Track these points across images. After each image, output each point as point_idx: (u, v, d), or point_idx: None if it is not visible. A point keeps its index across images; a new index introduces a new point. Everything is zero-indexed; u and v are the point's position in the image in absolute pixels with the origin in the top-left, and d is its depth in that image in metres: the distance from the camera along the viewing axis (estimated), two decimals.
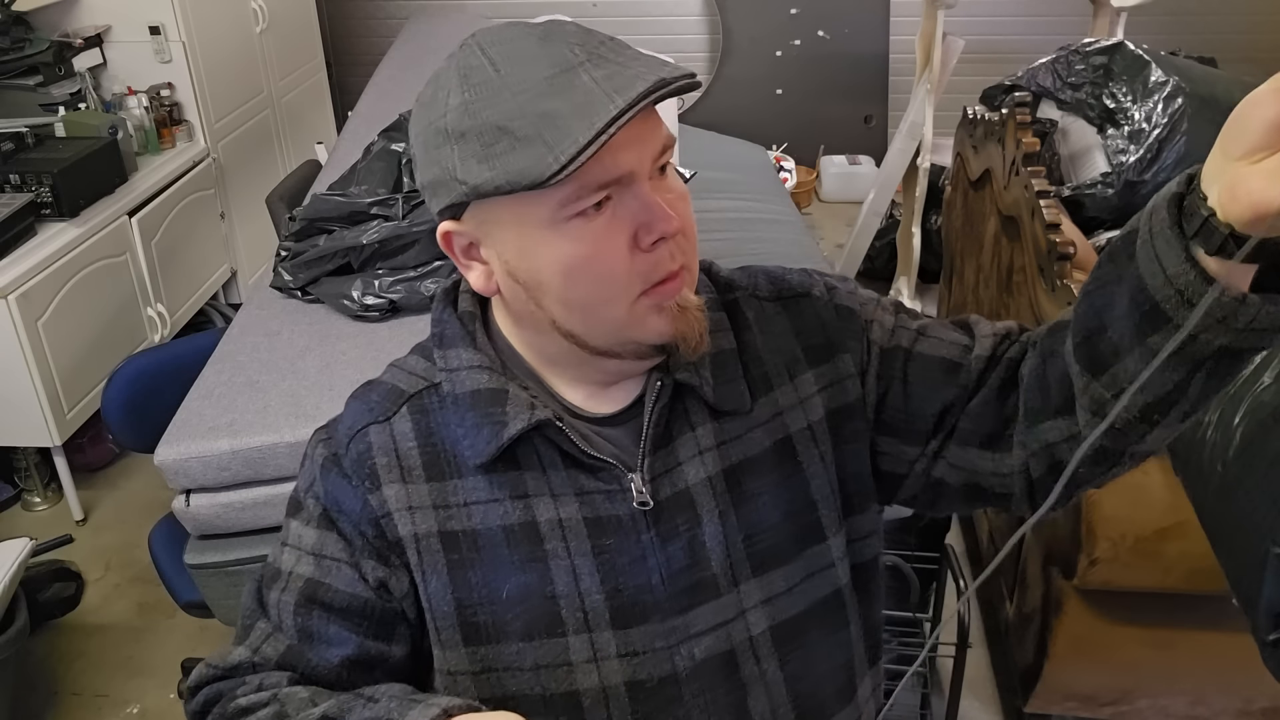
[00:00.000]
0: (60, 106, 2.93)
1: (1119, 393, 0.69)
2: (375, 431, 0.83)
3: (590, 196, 0.70)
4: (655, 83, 0.67)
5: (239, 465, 1.55)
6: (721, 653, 0.81)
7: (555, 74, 0.68)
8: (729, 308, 0.87)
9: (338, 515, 0.82)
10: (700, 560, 0.81)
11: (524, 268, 0.75)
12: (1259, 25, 4.54)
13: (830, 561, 0.85)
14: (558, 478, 0.80)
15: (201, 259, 3.32)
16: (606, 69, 0.68)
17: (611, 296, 0.74)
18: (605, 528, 0.80)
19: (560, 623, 0.79)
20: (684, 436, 0.82)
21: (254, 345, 1.79)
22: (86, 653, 2.34)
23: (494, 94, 0.69)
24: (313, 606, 0.81)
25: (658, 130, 0.72)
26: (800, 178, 4.47)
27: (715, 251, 2.62)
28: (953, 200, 2.94)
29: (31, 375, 2.48)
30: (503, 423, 0.78)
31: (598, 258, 0.72)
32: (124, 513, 2.78)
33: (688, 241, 0.76)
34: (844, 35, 4.60)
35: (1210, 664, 1.80)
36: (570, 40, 0.70)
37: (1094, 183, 2.27)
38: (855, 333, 0.87)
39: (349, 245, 1.88)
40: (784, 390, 0.85)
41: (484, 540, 0.80)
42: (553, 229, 0.71)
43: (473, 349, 0.82)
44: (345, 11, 4.82)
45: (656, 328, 0.75)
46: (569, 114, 0.66)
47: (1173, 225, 0.62)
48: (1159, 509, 1.66)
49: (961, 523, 2.60)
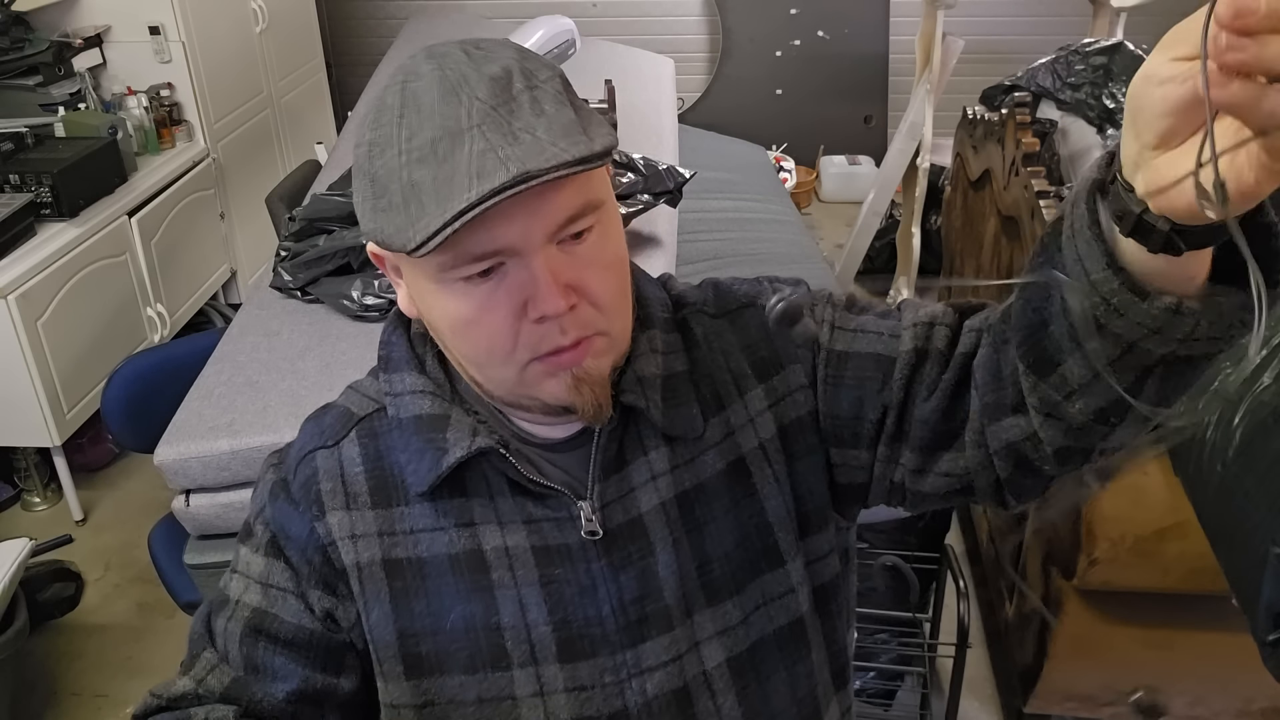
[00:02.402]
0: (60, 106, 2.93)
1: (1069, 394, 0.64)
2: (322, 456, 0.81)
3: (469, 266, 0.67)
4: (518, 175, 0.61)
5: (239, 465, 1.55)
6: (675, 689, 0.78)
7: (439, 137, 0.64)
8: (680, 325, 0.83)
9: (285, 542, 0.80)
10: (652, 591, 0.77)
11: (424, 309, 0.74)
12: None
13: (790, 587, 0.81)
14: (505, 505, 0.77)
15: (201, 259, 3.32)
16: (491, 139, 0.63)
17: (499, 360, 0.71)
18: (553, 557, 0.77)
19: (505, 655, 0.77)
20: (637, 461, 0.78)
21: (254, 345, 1.79)
22: (86, 653, 2.34)
23: (386, 145, 0.66)
24: (259, 637, 0.80)
25: (559, 201, 0.66)
26: (800, 178, 4.47)
27: (715, 251, 2.63)
28: (953, 200, 2.94)
29: (31, 375, 2.48)
30: (443, 449, 0.75)
31: (481, 322, 0.69)
32: (124, 513, 2.78)
33: (599, 313, 0.71)
34: (844, 35, 4.60)
35: (1210, 664, 1.81)
36: (476, 94, 0.65)
37: None
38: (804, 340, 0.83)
39: (349, 245, 1.88)
40: (735, 408, 0.81)
41: (429, 569, 0.77)
42: (438, 284, 0.69)
43: (417, 373, 0.80)
44: (345, 11, 4.82)
45: (552, 391, 0.72)
46: (431, 191, 0.64)
47: (1092, 224, 0.55)
48: (1159, 509, 1.66)
49: (961, 523, 2.60)
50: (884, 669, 2.03)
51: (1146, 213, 0.52)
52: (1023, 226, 2.09)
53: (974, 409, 0.74)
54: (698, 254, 2.54)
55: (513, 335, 0.69)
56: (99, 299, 2.74)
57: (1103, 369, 0.59)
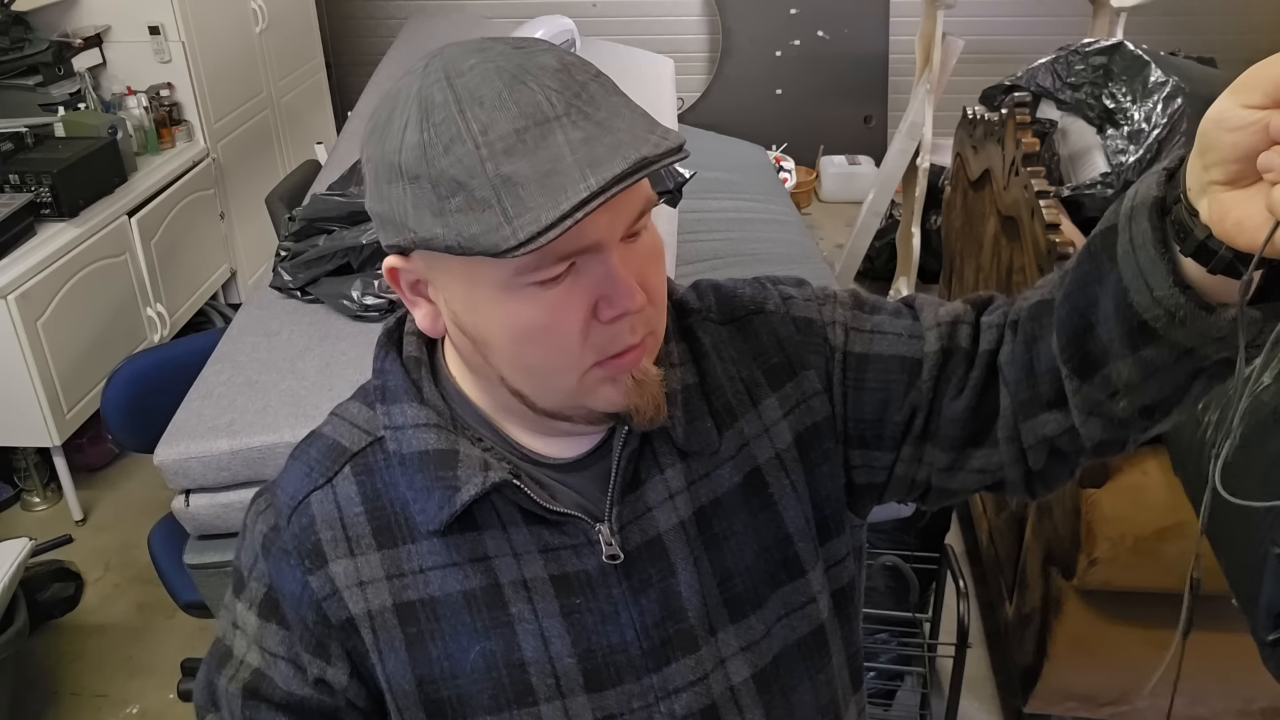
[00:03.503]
0: (60, 106, 2.93)
1: (1113, 393, 0.65)
2: (318, 500, 0.76)
3: (552, 267, 0.63)
4: (635, 162, 0.59)
5: (238, 465, 1.55)
6: (703, 708, 0.76)
7: (526, 126, 0.60)
8: (685, 333, 0.80)
9: (280, 598, 0.77)
10: (675, 612, 0.75)
11: (471, 323, 0.68)
12: (1259, 25, 4.54)
13: (810, 596, 0.80)
14: (519, 535, 0.74)
15: (201, 259, 3.32)
16: (585, 129, 0.60)
17: (563, 367, 0.67)
18: (573, 585, 0.74)
19: (530, 691, 0.74)
20: (653, 480, 0.76)
21: (253, 345, 1.79)
22: (86, 653, 2.34)
23: (454, 140, 0.60)
24: (259, 702, 0.78)
25: (637, 194, 0.64)
26: (800, 178, 4.47)
27: (715, 251, 2.63)
28: (952, 200, 2.94)
29: (31, 375, 2.48)
30: (455, 487, 0.71)
31: (552, 328, 0.65)
32: (123, 513, 2.78)
33: (655, 310, 0.69)
34: (844, 35, 4.60)
35: (1210, 664, 1.80)
36: (546, 84, 0.61)
37: (1094, 183, 2.27)
38: (817, 345, 0.80)
39: (349, 245, 1.88)
40: (748, 419, 0.78)
41: (443, 609, 0.74)
42: (506, 291, 0.64)
43: (418, 403, 0.75)
44: (345, 11, 4.82)
45: (609, 397, 0.69)
46: (533, 184, 0.59)
47: (1157, 242, 0.56)
48: (1159, 509, 1.66)
49: (961, 522, 2.60)
50: (884, 669, 2.03)
51: (1210, 238, 0.53)
52: (1023, 226, 2.09)
53: (1005, 405, 0.75)
54: (697, 254, 2.54)
55: (582, 337, 0.66)
56: (99, 299, 2.74)
57: (1156, 374, 0.61)
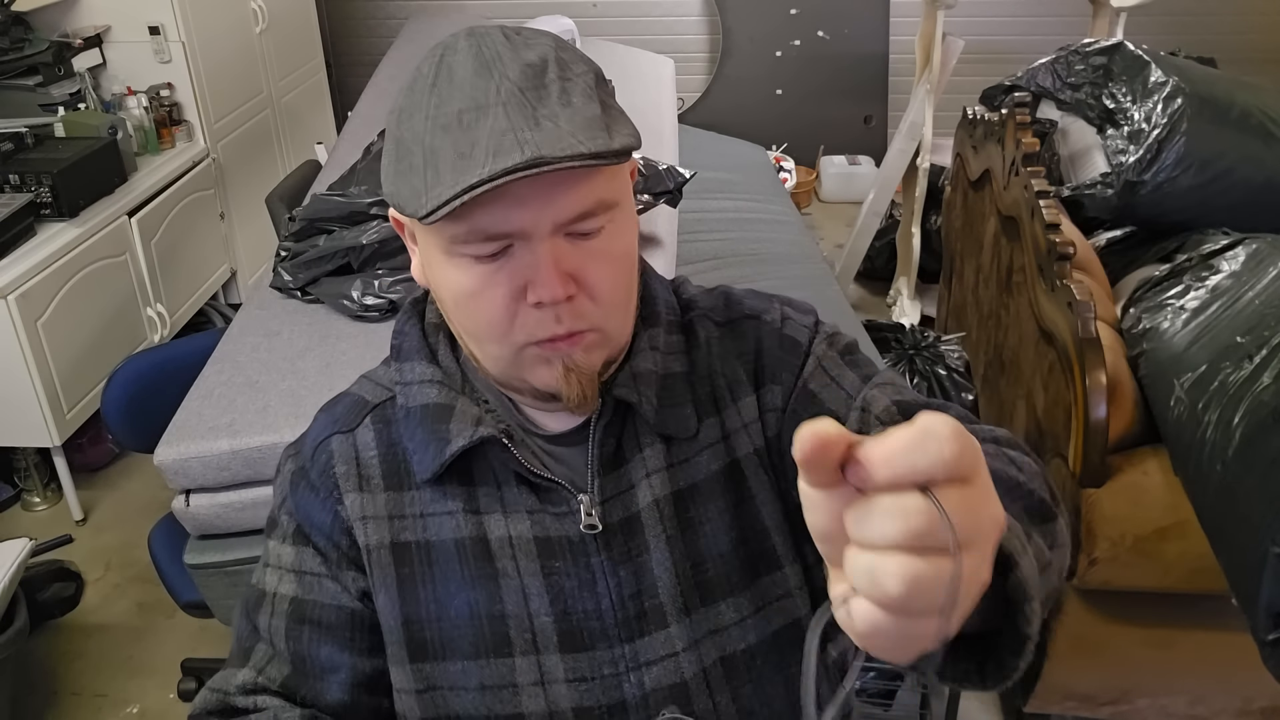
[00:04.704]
0: (60, 107, 2.92)
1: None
2: (338, 441, 0.83)
3: (480, 245, 0.68)
4: (531, 159, 0.63)
5: (239, 465, 1.55)
6: (672, 684, 0.78)
7: (466, 108, 0.66)
8: (684, 328, 0.85)
9: (310, 530, 0.82)
10: (648, 587, 0.78)
11: (430, 277, 0.76)
12: (1259, 25, 4.54)
13: (787, 591, 0.81)
14: (510, 494, 0.79)
15: (201, 259, 3.32)
16: (514, 119, 0.65)
17: (496, 336, 0.73)
18: (554, 549, 0.78)
19: (508, 643, 0.78)
20: (635, 458, 0.80)
21: (254, 345, 1.79)
22: (86, 653, 2.34)
23: (414, 110, 0.68)
24: (302, 626, 0.81)
25: (573, 195, 0.67)
26: (800, 178, 4.47)
27: (715, 251, 2.63)
28: (953, 200, 2.94)
29: (31, 375, 2.48)
30: (446, 439, 0.77)
31: (480, 298, 0.71)
32: (124, 513, 2.78)
33: (600, 309, 0.73)
34: (844, 35, 4.60)
35: (1210, 663, 1.81)
36: (507, 74, 0.66)
37: (1094, 183, 2.28)
38: (791, 366, 0.83)
39: (349, 245, 1.88)
40: (729, 413, 0.82)
41: (436, 553, 0.79)
42: (446, 256, 0.71)
43: (427, 362, 0.81)
44: (345, 11, 4.82)
45: (542, 377, 0.74)
46: (449, 160, 0.65)
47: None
48: (1159, 509, 1.66)
49: None
50: (884, 669, 2.03)
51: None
52: (1023, 226, 2.09)
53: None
54: (697, 254, 2.54)
55: (510, 316, 0.71)
56: (99, 299, 2.74)
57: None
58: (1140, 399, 1.77)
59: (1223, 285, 1.79)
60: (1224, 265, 1.86)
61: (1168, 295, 1.88)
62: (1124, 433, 1.74)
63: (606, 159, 0.66)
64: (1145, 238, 2.28)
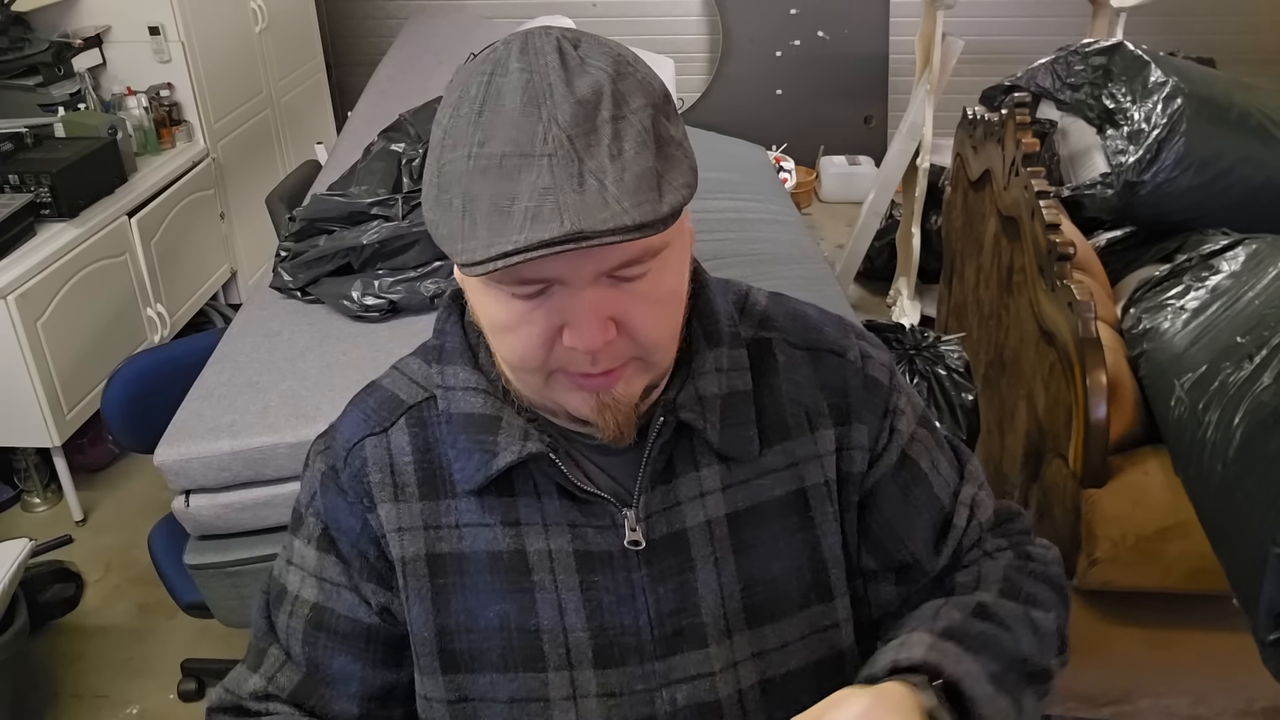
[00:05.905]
0: (60, 107, 2.92)
1: None
2: (372, 445, 0.80)
3: (516, 286, 0.66)
4: (570, 232, 0.59)
5: (239, 466, 1.55)
6: (705, 703, 0.78)
7: (511, 153, 0.61)
8: (759, 345, 0.83)
9: (337, 534, 0.81)
10: (690, 606, 0.78)
11: (467, 295, 0.74)
12: (1258, 25, 4.54)
13: (835, 622, 0.82)
14: (551, 507, 0.77)
15: (201, 259, 3.32)
16: (558, 176, 0.60)
17: (530, 366, 0.70)
18: (594, 563, 0.77)
19: (541, 657, 0.77)
20: (687, 475, 0.78)
21: (254, 345, 1.79)
22: (86, 654, 2.34)
23: (458, 142, 0.64)
24: (319, 634, 0.81)
25: (615, 249, 0.64)
26: (800, 178, 4.47)
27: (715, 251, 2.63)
28: (953, 200, 2.94)
29: (31, 375, 2.48)
30: (493, 452, 0.75)
31: (517, 334, 0.68)
32: (124, 513, 2.77)
33: (643, 348, 0.70)
34: (844, 35, 4.60)
35: (1211, 664, 1.80)
36: (557, 115, 0.61)
37: (1093, 183, 2.27)
38: (877, 410, 0.83)
39: (349, 245, 1.88)
40: (803, 440, 0.81)
41: (470, 564, 0.78)
42: (485, 285, 0.68)
43: (472, 367, 0.79)
44: (345, 11, 4.82)
45: (576, 405, 0.72)
46: (485, 213, 0.61)
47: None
48: (1159, 509, 1.66)
49: None
50: None
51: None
52: (1023, 226, 2.09)
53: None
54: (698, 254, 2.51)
55: (545, 351, 0.68)
56: (99, 299, 2.74)
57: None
58: (1141, 399, 1.77)
59: (1223, 285, 1.79)
60: (1224, 265, 1.86)
61: (1168, 295, 1.88)
62: (1124, 433, 1.74)
63: (650, 230, 0.61)
64: (1145, 238, 2.28)
